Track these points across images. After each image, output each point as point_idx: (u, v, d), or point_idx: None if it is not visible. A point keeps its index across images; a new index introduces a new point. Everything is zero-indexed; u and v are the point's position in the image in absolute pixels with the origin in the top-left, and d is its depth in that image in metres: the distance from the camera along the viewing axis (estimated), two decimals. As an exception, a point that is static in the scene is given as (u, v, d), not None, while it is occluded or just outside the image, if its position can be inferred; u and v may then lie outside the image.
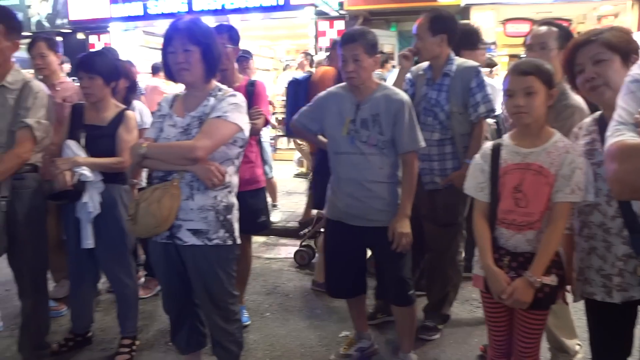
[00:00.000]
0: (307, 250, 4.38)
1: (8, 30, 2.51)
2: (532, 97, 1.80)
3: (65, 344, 2.92)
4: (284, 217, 5.53)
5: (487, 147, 2.00)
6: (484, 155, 1.98)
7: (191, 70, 2.10)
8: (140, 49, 10.18)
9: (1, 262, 2.69)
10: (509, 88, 1.85)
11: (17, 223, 2.54)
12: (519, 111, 1.82)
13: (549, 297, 1.84)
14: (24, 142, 2.51)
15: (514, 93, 1.83)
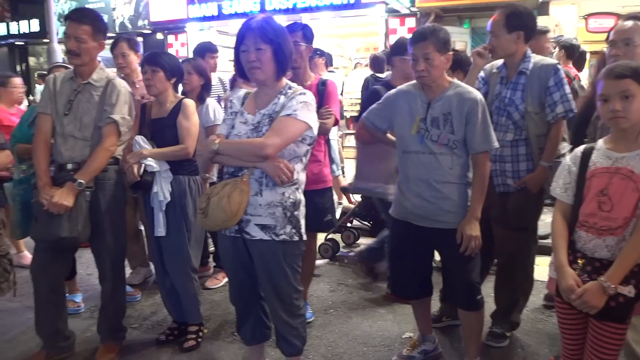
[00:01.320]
0: (331, 245, 4.53)
1: (95, 32, 2.68)
2: (630, 101, 1.74)
3: (171, 333, 3.07)
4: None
5: (578, 149, 1.94)
6: (573, 157, 1.93)
7: (262, 69, 2.14)
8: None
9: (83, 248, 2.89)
10: (603, 92, 1.78)
11: (100, 212, 2.70)
12: (615, 116, 1.76)
13: (622, 309, 1.74)
14: (111, 137, 2.67)
15: (609, 97, 1.76)
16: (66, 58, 3.40)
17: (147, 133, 2.80)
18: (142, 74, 2.80)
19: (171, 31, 11.16)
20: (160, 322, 3.35)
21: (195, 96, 3.47)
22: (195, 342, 2.97)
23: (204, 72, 3.50)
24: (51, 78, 2.81)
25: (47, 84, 2.80)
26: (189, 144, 2.76)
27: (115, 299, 2.90)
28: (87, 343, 3.04)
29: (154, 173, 2.71)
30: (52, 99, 2.73)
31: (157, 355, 2.95)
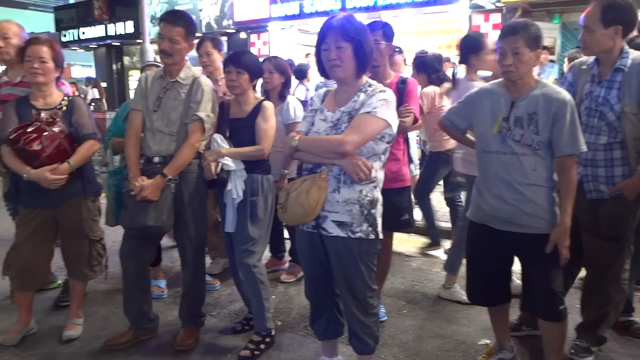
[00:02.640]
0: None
1: (187, 33, 2.81)
2: None
3: (247, 323, 3.15)
4: (426, 216, 5.43)
5: None
6: None
7: (343, 67, 2.15)
8: (296, 46, 10.71)
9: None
10: None
11: (183, 204, 2.84)
12: None
13: None
14: (196, 133, 2.80)
15: None
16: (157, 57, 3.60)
17: (225, 131, 2.88)
18: (226, 73, 2.87)
19: (254, 30, 11.47)
20: (237, 311, 3.46)
21: (276, 94, 3.54)
22: (249, 353, 2.83)
23: (284, 70, 3.57)
24: (143, 76, 2.97)
25: (139, 82, 2.97)
26: (265, 146, 2.81)
27: (196, 287, 3.03)
28: (169, 326, 3.21)
29: (230, 171, 2.79)
30: (143, 96, 2.89)
31: (232, 342, 3.05)
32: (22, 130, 2.73)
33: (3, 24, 3.34)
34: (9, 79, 3.34)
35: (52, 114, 2.86)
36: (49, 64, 2.86)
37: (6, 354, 2.95)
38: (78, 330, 3.17)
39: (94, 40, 15.09)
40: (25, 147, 2.72)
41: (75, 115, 2.92)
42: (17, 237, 2.99)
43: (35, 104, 2.89)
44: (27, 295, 3.11)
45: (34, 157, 2.75)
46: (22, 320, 3.13)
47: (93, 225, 3.09)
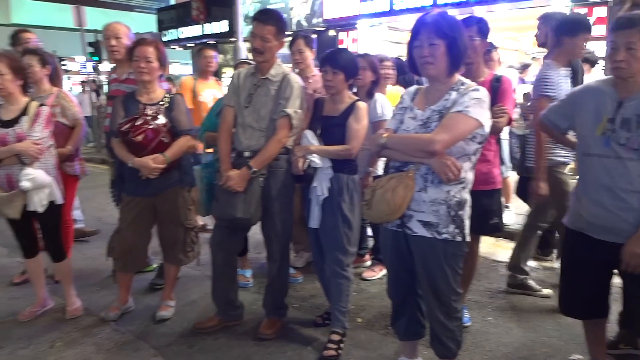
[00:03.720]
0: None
1: (278, 32, 2.88)
2: None
3: (328, 317, 3.16)
4: (517, 220, 5.19)
5: None
6: None
7: (435, 64, 2.11)
8: (385, 43, 10.64)
9: (255, 229, 3.15)
10: None
11: (271, 197, 2.93)
12: None
13: None
14: (284, 129, 2.87)
15: None
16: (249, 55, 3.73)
17: (317, 128, 2.91)
18: (322, 72, 2.88)
19: (343, 28, 11.54)
20: (319, 305, 3.51)
21: (364, 92, 3.54)
22: (335, 352, 2.83)
23: (376, 68, 3.55)
24: (236, 73, 3.09)
25: (232, 78, 3.09)
26: (354, 145, 2.80)
27: (280, 278, 3.12)
28: (253, 315, 3.32)
29: (316, 168, 2.82)
30: (236, 92, 3.01)
31: (313, 335, 3.11)
32: (130, 124, 2.95)
33: (115, 25, 3.63)
34: (117, 76, 3.62)
35: (156, 109, 3.06)
36: (154, 64, 3.05)
37: (107, 328, 3.21)
38: (170, 311, 3.37)
39: (192, 39, 15.93)
40: (133, 139, 2.93)
41: (174, 112, 3.10)
42: (120, 222, 3.24)
43: (140, 99, 3.10)
44: (127, 276, 3.37)
45: (140, 148, 2.96)
46: (121, 299, 3.39)
47: (188, 213, 3.28)
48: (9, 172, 3.07)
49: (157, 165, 2.97)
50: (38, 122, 3.09)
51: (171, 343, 3.03)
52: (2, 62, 3.03)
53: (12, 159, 3.04)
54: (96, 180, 5.44)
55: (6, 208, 3.08)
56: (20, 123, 3.08)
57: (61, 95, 3.72)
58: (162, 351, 2.94)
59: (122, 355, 2.91)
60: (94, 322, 3.30)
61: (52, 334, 3.16)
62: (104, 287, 3.87)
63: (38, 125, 3.09)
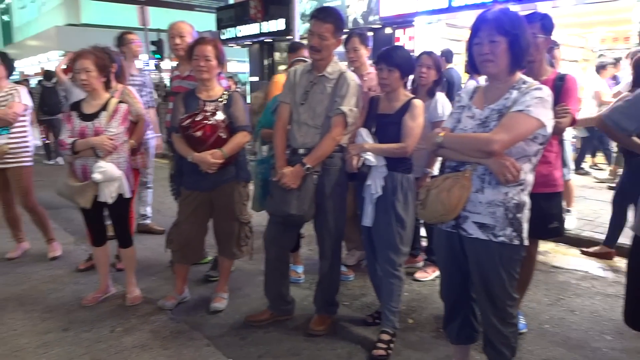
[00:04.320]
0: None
1: (335, 30, 2.88)
2: None
3: (378, 317, 3.15)
4: (578, 225, 4.98)
5: None
6: None
7: (496, 62, 2.05)
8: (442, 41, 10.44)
9: (308, 225, 3.17)
10: None
11: (324, 195, 2.94)
12: None
13: None
14: (338, 127, 2.87)
15: None
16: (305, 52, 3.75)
17: (372, 126, 2.89)
18: (377, 70, 2.87)
19: (400, 25, 11.40)
20: (369, 304, 3.50)
21: (425, 90, 3.48)
22: (384, 352, 2.82)
23: (440, 67, 3.50)
24: (292, 71, 3.12)
25: (288, 76, 3.13)
26: (409, 144, 2.77)
27: (331, 276, 3.13)
28: (304, 311, 3.35)
29: (371, 166, 2.81)
30: (291, 90, 3.04)
31: (362, 334, 3.10)
32: (191, 119, 3.05)
33: (179, 24, 3.76)
34: (179, 73, 3.75)
35: (214, 106, 3.14)
36: (213, 62, 3.13)
37: (164, 316, 3.33)
38: (223, 303, 3.46)
39: (249, 38, 16.21)
40: (193, 134, 3.03)
41: (232, 108, 3.17)
42: (179, 215, 3.35)
43: (200, 96, 3.19)
44: (184, 267, 3.48)
45: (200, 143, 3.05)
46: (178, 289, 3.51)
47: (243, 208, 3.35)
48: (85, 164, 3.25)
49: (215, 161, 3.05)
50: (115, 118, 3.26)
51: (224, 334, 3.11)
52: (88, 59, 3.20)
53: (88, 152, 3.22)
54: (156, 173, 5.64)
55: (79, 197, 3.26)
56: (99, 118, 3.25)
57: (126, 92, 3.88)
58: (214, 341, 3.02)
59: (177, 343, 3.01)
60: (152, 310, 3.44)
61: (112, 319, 3.31)
62: (162, 277, 4.02)
63: (115, 121, 3.25)
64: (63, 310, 3.44)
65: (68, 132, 3.28)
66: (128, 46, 4.71)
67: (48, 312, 3.42)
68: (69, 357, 2.87)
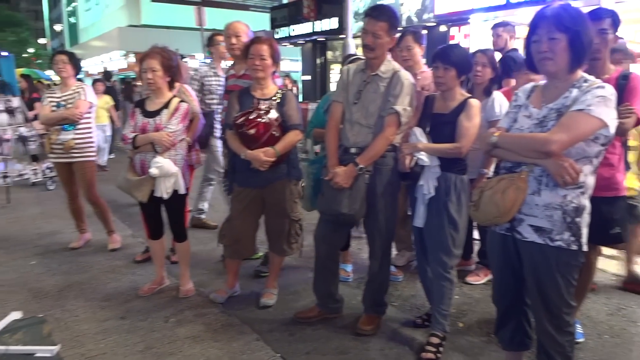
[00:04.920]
0: None
1: (390, 28, 2.85)
2: None
3: (428, 319, 3.11)
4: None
5: None
6: None
7: (555, 60, 1.98)
8: (498, 38, 10.14)
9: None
10: None
11: (375, 195, 2.92)
12: None
13: None
14: (391, 126, 2.85)
15: None
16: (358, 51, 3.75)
17: (426, 126, 2.85)
18: (433, 68, 2.82)
19: (454, 23, 11.18)
20: (419, 305, 3.47)
21: (481, 89, 3.40)
22: (433, 355, 2.78)
23: (496, 65, 3.41)
24: (345, 69, 3.12)
25: (341, 74, 3.13)
26: (464, 144, 2.71)
27: (381, 276, 3.11)
28: (352, 310, 3.35)
29: (424, 166, 2.77)
30: (344, 89, 3.04)
31: (412, 335, 3.07)
32: (245, 117, 3.11)
33: (235, 24, 3.85)
34: (235, 72, 3.83)
35: (268, 104, 3.19)
36: (268, 61, 3.19)
37: (215, 310, 3.42)
38: (273, 299, 3.51)
39: (302, 37, 16.34)
40: (247, 132, 3.09)
41: (285, 107, 3.21)
42: (231, 211, 3.43)
43: (254, 94, 3.25)
44: (236, 262, 3.56)
45: (253, 141, 3.11)
46: (229, 283, 3.59)
47: (293, 206, 3.39)
48: (144, 158, 3.40)
49: (267, 159, 3.10)
50: (175, 116, 3.38)
51: (273, 329, 3.16)
52: (155, 59, 3.34)
53: (147, 147, 3.35)
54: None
55: (136, 191, 3.40)
56: (160, 115, 3.38)
57: (182, 90, 4.01)
58: (264, 336, 3.07)
59: (228, 336, 3.08)
60: (204, 302, 3.53)
61: (166, 310, 3.43)
62: (214, 271, 4.12)
63: (175, 119, 3.37)
64: (121, 299, 3.60)
65: (131, 127, 3.42)
66: (216, 47, 4.78)
67: (107, 301, 3.58)
68: (126, 344, 2.99)
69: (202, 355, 2.87)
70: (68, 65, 4.39)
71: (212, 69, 4.74)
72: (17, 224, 5.69)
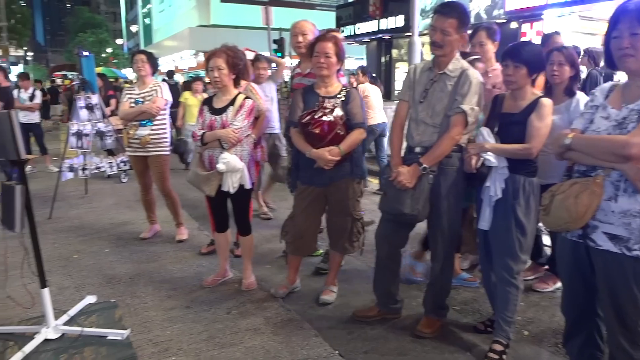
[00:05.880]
0: None
1: (459, 25, 2.78)
2: None
3: (491, 325, 3.04)
4: None
5: None
6: None
7: (637, 57, 1.86)
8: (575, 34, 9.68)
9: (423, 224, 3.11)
10: None
11: (439, 195, 2.87)
12: None
13: None
14: (458, 126, 2.78)
15: None
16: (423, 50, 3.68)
17: (494, 126, 2.76)
18: (503, 66, 2.73)
19: (526, 19, 10.77)
20: (481, 310, 3.37)
21: (562, 89, 3.24)
22: None
23: (575, 62, 3.23)
24: (412, 68, 3.08)
25: (408, 73, 3.09)
26: (535, 145, 2.61)
27: (443, 278, 3.05)
28: (412, 311, 3.31)
29: (491, 167, 2.69)
30: (411, 87, 3.00)
31: (473, 341, 2.99)
32: (310, 116, 3.14)
33: (302, 23, 3.90)
34: (300, 70, 3.88)
35: (333, 102, 3.20)
36: (333, 59, 3.20)
37: (275, 304, 3.49)
38: (332, 296, 3.53)
39: (367, 35, 16.29)
40: (312, 130, 3.12)
41: (350, 105, 3.21)
42: (294, 208, 3.47)
43: (319, 92, 3.28)
44: (297, 258, 3.61)
45: (318, 139, 3.13)
46: (290, 279, 3.65)
47: (356, 205, 3.38)
48: (212, 154, 3.52)
49: (332, 157, 3.11)
50: (241, 113, 3.47)
51: (331, 327, 3.18)
52: (221, 57, 3.45)
53: (215, 143, 3.47)
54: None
55: (204, 185, 3.53)
56: (227, 112, 3.49)
57: (249, 88, 4.10)
58: (322, 333, 3.09)
59: (287, 330, 3.13)
60: (265, 296, 3.61)
61: (229, 302, 3.53)
62: (276, 266, 4.20)
63: (240, 116, 3.47)
64: (186, 289, 3.74)
65: (199, 125, 3.55)
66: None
67: (173, 290, 3.74)
68: (190, 332, 3.11)
69: (262, 348, 2.93)
70: (146, 64, 4.62)
71: None
72: (93, 213, 6.04)
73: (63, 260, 4.39)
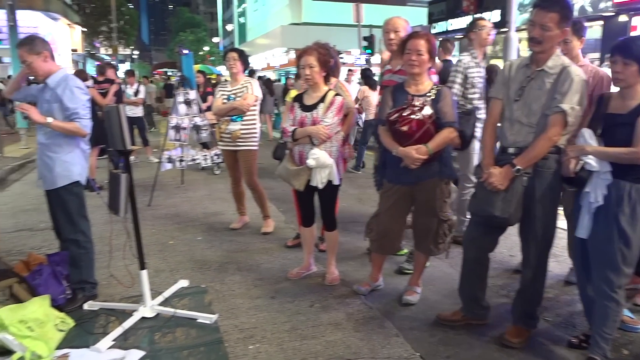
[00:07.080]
0: None
1: (561, 20, 2.62)
2: None
3: (585, 340, 2.84)
4: None
5: None
6: None
7: None
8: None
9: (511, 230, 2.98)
10: None
11: (533, 199, 2.72)
12: None
13: None
14: (556, 126, 2.63)
15: None
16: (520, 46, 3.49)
17: (597, 127, 2.58)
18: (611, 63, 2.55)
19: (638, 12, 9.93)
20: (576, 323, 3.17)
21: None
22: None
23: None
24: (507, 64, 2.95)
25: (502, 70, 2.97)
26: None
27: (535, 286, 2.90)
28: (499, 318, 3.18)
29: (592, 172, 2.52)
30: (505, 85, 2.87)
31: (565, 356, 2.82)
32: (399, 114, 3.11)
33: (395, 20, 3.87)
34: (391, 67, 3.85)
35: (423, 100, 3.15)
36: (424, 56, 3.14)
37: (357, 300, 3.49)
38: (416, 297, 3.48)
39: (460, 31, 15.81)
40: (400, 128, 3.08)
41: (440, 103, 3.14)
42: (380, 206, 3.46)
43: (409, 90, 3.23)
44: (381, 257, 3.60)
45: (406, 137, 3.09)
46: (373, 276, 3.64)
47: (443, 205, 3.30)
48: (302, 150, 3.61)
49: (419, 156, 3.06)
50: (331, 110, 3.54)
51: (413, 328, 3.13)
52: (313, 55, 3.53)
53: (305, 139, 3.56)
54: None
55: (294, 180, 3.63)
56: (317, 109, 3.57)
57: (339, 86, 4.13)
58: (404, 333, 3.05)
59: (368, 328, 3.13)
60: (347, 292, 3.63)
61: (312, 295, 3.59)
62: (359, 262, 4.21)
63: (330, 112, 3.53)
64: (272, 280, 3.85)
65: (290, 121, 3.64)
66: (478, 33, 4.38)
67: (259, 280, 3.86)
68: (274, 322, 3.20)
69: (343, 343, 2.95)
70: (238, 62, 4.81)
71: (473, 59, 4.35)
72: (188, 203, 6.39)
73: (160, 245, 4.69)
